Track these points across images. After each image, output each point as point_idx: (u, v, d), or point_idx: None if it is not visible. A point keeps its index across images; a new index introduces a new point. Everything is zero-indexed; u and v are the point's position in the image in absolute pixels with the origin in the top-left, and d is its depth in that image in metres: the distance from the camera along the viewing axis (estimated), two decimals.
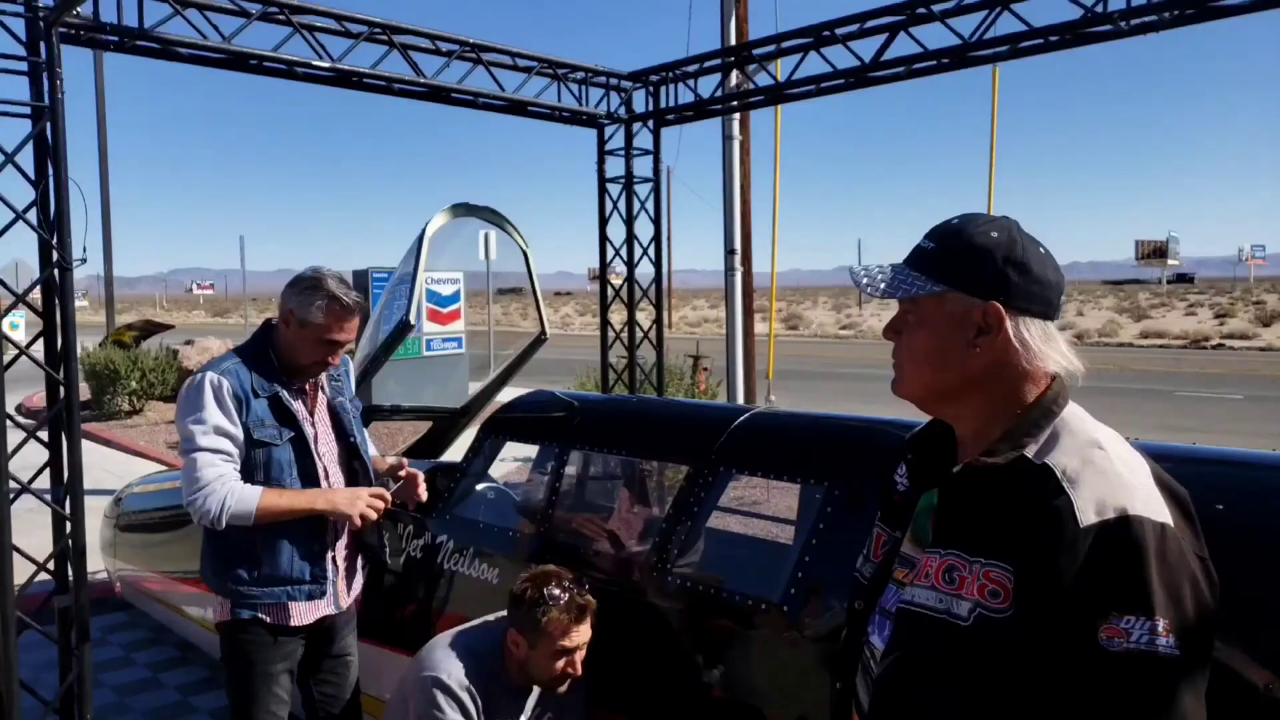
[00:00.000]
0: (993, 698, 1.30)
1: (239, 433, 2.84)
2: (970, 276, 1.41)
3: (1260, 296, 56.75)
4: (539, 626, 2.69)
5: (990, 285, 1.40)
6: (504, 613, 2.88)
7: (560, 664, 2.72)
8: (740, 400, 10.06)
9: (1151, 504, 1.30)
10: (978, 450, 1.42)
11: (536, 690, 2.84)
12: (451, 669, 2.70)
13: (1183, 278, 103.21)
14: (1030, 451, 1.37)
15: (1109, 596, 1.24)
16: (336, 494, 2.96)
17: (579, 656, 2.75)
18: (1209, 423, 14.52)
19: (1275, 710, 1.79)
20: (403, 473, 3.25)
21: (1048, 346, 1.41)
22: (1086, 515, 1.27)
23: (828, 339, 40.65)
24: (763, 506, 6.33)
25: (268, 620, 2.91)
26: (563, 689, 2.78)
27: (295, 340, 2.93)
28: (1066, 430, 1.39)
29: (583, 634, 2.75)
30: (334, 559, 3.03)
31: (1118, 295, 68.37)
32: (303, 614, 2.96)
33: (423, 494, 3.23)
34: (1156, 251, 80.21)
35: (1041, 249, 1.44)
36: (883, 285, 1.47)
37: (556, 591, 2.71)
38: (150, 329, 19.51)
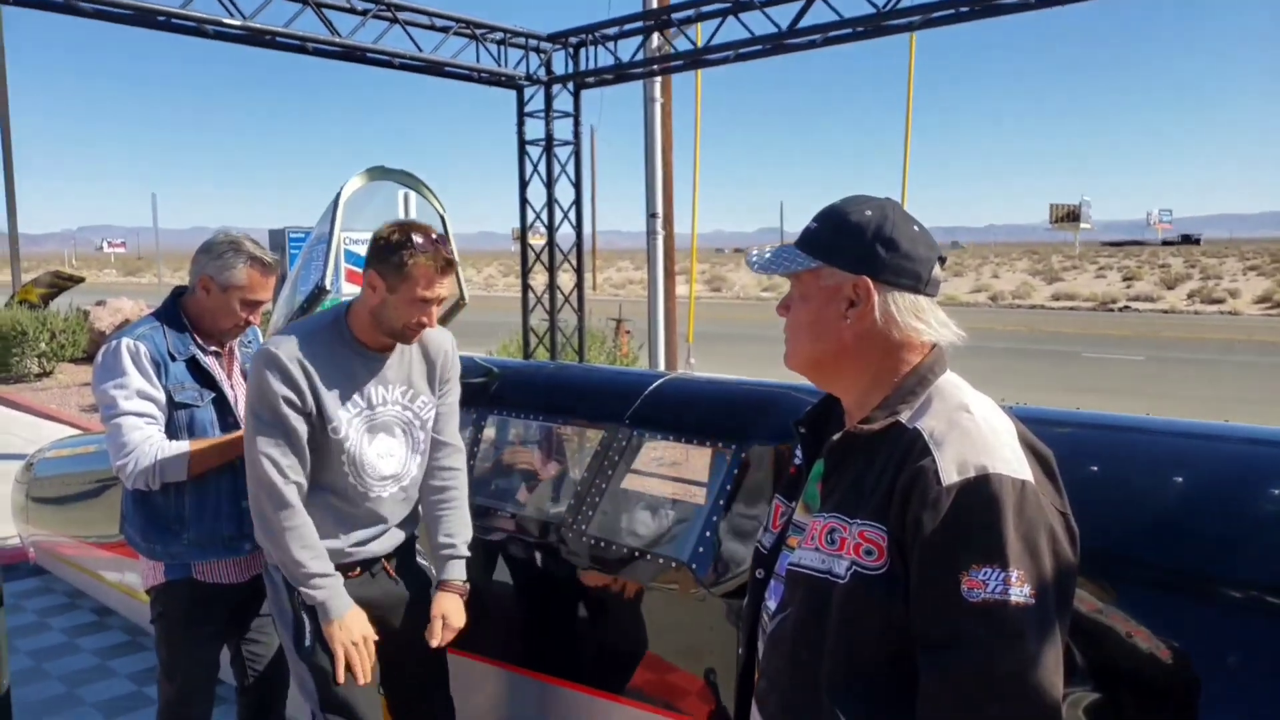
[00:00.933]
0: (867, 649, 1.41)
1: (161, 395, 2.85)
2: (843, 252, 1.49)
3: (1165, 260, 58.75)
4: (404, 270, 2.53)
5: (860, 260, 1.48)
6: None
7: (416, 313, 2.59)
8: (661, 363, 10.18)
9: (1013, 462, 1.38)
10: (860, 419, 1.51)
11: (397, 358, 2.74)
12: (282, 343, 2.56)
13: (1187, 239, 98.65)
14: (904, 417, 1.46)
15: (968, 550, 1.33)
16: None
17: (434, 311, 2.63)
18: (1112, 383, 15.14)
19: (1135, 654, 1.93)
20: None
21: (917, 319, 1.48)
22: (949, 474, 1.36)
23: (750, 301, 41.06)
24: (681, 469, 6.47)
25: (201, 580, 2.94)
26: (414, 339, 2.70)
27: (216, 305, 2.92)
28: (939, 396, 1.48)
29: (445, 289, 2.64)
30: None
31: (1032, 258, 70.07)
32: (237, 571, 3.00)
33: None
34: (1070, 215, 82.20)
35: (915, 227, 1.51)
36: (768, 258, 1.57)
37: (423, 241, 2.56)
38: (59, 284, 18.81)
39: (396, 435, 2.72)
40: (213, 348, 3.00)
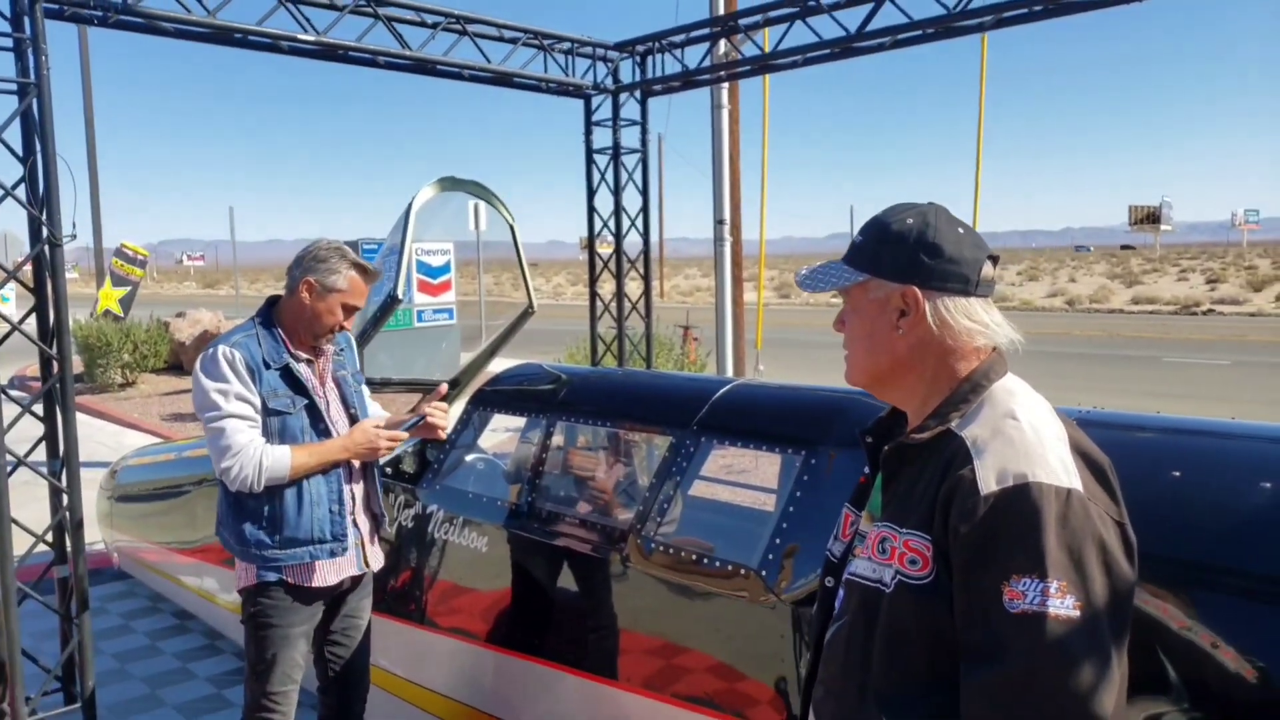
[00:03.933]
0: (914, 659, 1.39)
1: (257, 401, 2.93)
2: (887, 263, 1.49)
3: (1252, 261, 56.78)
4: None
5: (904, 269, 1.48)
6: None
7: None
8: (729, 370, 10.13)
9: (1058, 471, 1.34)
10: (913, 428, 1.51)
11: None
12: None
13: None
14: (955, 424, 1.44)
15: (1008, 560, 1.30)
16: (351, 438, 3.06)
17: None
18: (1196, 388, 14.64)
19: (1220, 670, 1.84)
20: (422, 408, 3.28)
21: (970, 321, 1.47)
22: (987, 483, 1.34)
23: (819, 307, 40.67)
24: (750, 476, 6.42)
25: (291, 582, 2.98)
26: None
27: (319, 308, 3.02)
28: (990, 402, 1.45)
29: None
30: (354, 519, 3.10)
31: (1109, 261, 68.35)
32: (326, 574, 3.03)
33: (441, 432, 3.28)
34: (1149, 217, 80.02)
35: (959, 229, 1.49)
36: (816, 275, 1.57)
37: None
38: (127, 273, 18.59)
39: None
40: (304, 356, 3.07)
